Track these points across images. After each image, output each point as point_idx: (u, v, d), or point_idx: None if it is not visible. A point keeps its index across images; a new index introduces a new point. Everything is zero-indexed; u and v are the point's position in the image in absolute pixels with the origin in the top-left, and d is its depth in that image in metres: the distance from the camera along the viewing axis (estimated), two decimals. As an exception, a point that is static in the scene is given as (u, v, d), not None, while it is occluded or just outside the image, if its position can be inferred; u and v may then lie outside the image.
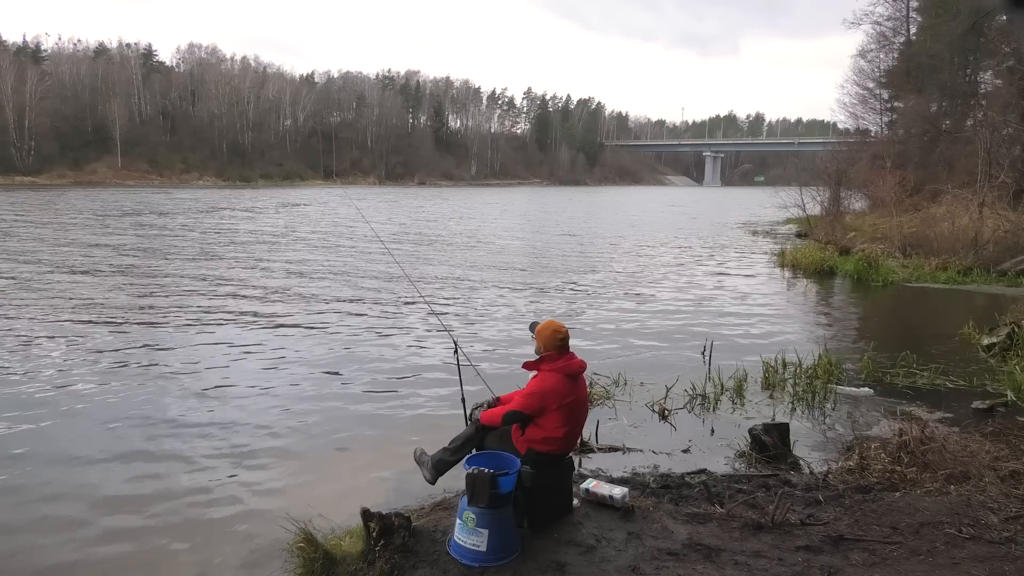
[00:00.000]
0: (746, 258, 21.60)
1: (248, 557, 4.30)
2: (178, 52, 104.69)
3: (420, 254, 20.30)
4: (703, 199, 75.20)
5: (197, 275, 15.27)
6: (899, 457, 5.17)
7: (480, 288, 14.50)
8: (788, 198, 27.49)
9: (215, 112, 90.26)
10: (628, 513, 4.22)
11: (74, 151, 75.87)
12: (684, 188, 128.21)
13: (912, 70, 32.64)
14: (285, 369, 8.36)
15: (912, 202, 23.65)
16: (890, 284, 15.85)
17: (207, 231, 25.78)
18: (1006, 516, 4.24)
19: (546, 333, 4.04)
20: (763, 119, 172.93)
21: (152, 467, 5.58)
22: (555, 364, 3.98)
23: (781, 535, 4.02)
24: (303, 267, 17.05)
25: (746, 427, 6.08)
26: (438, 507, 4.47)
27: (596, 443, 6.02)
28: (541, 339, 4.05)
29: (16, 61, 76.15)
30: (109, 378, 7.78)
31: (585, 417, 4.30)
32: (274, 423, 6.60)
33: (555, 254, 21.44)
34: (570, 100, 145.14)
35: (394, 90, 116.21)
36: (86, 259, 17.30)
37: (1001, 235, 17.59)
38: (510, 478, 3.71)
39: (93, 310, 11.32)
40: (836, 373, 7.97)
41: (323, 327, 10.59)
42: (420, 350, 9.37)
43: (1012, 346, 8.83)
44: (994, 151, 20.68)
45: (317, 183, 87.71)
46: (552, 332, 4.04)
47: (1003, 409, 6.90)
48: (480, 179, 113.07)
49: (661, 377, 7.63)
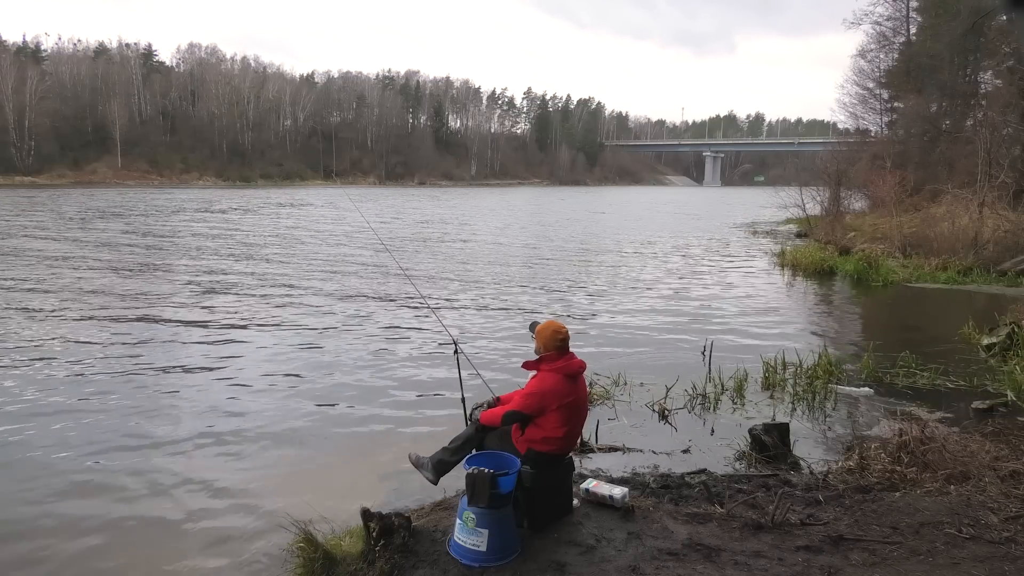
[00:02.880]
0: (746, 258, 21.60)
1: (248, 557, 4.30)
2: (178, 52, 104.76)
3: (420, 254, 20.30)
4: (703, 199, 75.19)
5: (196, 275, 15.27)
6: (899, 457, 5.17)
7: (480, 288, 14.50)
8: (788, 198, 27.49)
9: (215, 112, 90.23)
10: (628, 513, 4.22)
11: (74, 151, 75.83)
12: (684, 188, 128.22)
13: (912, 70, 32.63)
14: (284, 369, 8.35)
15: (912, 202, 23.63)
16: (890, 284, 15.85)
17: (207, 231, 25.78)
18: (1006, 516, 4.24)
19: (546, 333, 4.04)
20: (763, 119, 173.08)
21: (152, 468, 5.58)
22: (555, 364, 3.98)
23: (781, 535, 4.02)
24: (302, 267, 17.05)
25: (746, 427, 6.08)
26: (438, 507, 4.47)
27: (596, 443, 6.03)
28: (541, 339, 4.05)
29: (16, 61, 76.10)
30: (108, 377, 7.78)
31: (585, 417, 4.29)
32: (274, 423, 6.60)
33: (555, 254, 21.43)
34: (570, 100, 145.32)
35: (394, 90, 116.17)
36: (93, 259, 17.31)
37: (1001, 235, 17.58)
38: (510, 478, 3.71)
39: (95, 310, 11.32)
40: (836, 373, 7.98)
41: (323, 327, 10.59)
42: (420, 350, 9.37)
43: (1012, 346, 8.83)
44: (994, 151, 20.67)
45: (317, 183, 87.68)
46: (552, 332, 4.04)
47: (1003, 409, 6.90)
48: (480, 179, 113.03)
49: (661, 377, 7.62)
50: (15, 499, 5.03)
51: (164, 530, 4.64)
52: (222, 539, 4.54)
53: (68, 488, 5.21)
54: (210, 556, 4.34)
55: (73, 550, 4.41)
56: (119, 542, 4.51)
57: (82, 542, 4.50)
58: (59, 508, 4.92)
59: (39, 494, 5.10)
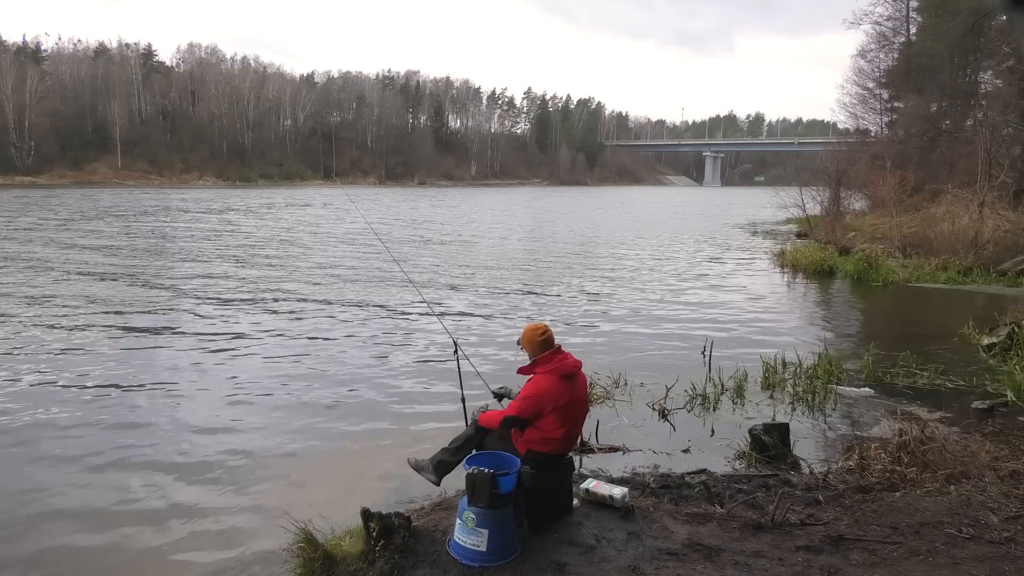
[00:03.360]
0: (746, 258, 21.60)
1: (248, 557, 4.30)
2: (178, 52, 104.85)
3: (420, 254, 20.30)
4: (703, 199, 75.19)
5: (196, 275, 15.27)
6: (899, 457, 5.17)
7: (481, 288, 14.50)
8: (788, 198, 27.50)
9: (215, 112, 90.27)
10: (628, 513, 4.21)
11: (74, 151, 75.83)
12: (684, 188, 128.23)
13: (912, 70, 32.64)
14: (284, 369, 8.35)
15: (912, 202, 23.64)
16: (890, 284, 15.85)
17: (207, 231, 25.78)
18: (1006, 516, 4.24)
19: (528, 336, 4.05)
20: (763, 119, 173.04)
21: (151, 468, 5.58)
22: (548, 366, 3.96)
23: (781, 535, 4.02)
24: (302, 267, 17.05)
25: (746, 427, 6.08)
26: (438, 507, 4.47)
27: (596, 443, 6.03)
28: (526, 345, 4.06)
29: (16, 61, 76.12)
30: (108, 377, 7.78)
31: (584, 416, 4.28)
32: (273, 423, 6.60)
33: (555, 254, 21.43)
34: (570, 100, 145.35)
35: (394, 90, 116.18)
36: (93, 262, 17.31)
37: (1001, 235, 17.59)
38: (510, 478, 3.71)
39: (97, 310, 11.32)
40: (836, 373, 7.97)
41: (322, 327, 10.59)
42: (420, 350, 9.37)
43: (1012, 346, 8.83)
44: (994, 151, 20.68)
45: (317, 183, 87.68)
46: (532, 333, 4.04)
47: (1003, 409, 6.90)
48: (480, 179, 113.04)
49: (661, 377, 7.62)
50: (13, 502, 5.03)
51: (164, 530, 4.64)
52: (222, 539, 4.54)
53: (67, 488, 5.21)
54: (210, 556, 4.34)
55: (72, 550, 4.41)
56: (119, 542, 4.51)
57: (81, 542, 4.50)
58: (58, 508, 4.92)
59: (36, 494, 5.10)
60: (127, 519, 4.78)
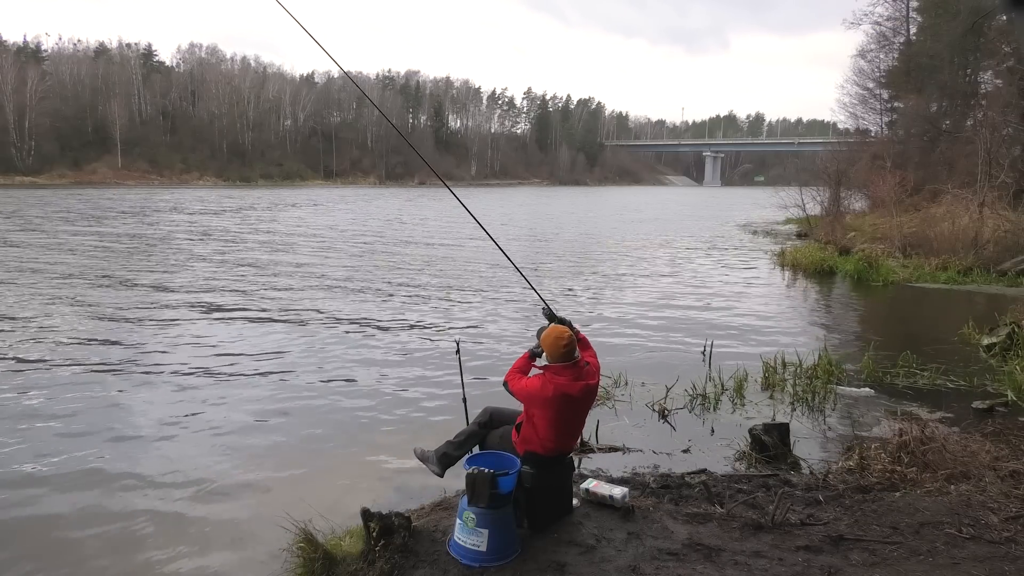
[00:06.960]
0: (746, 258, 21.60)
1: (248, 557, 4.30)
2: (178, 52, 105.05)
3: (420, 253, 20.29)
4: (703, 199, 75.18)
5: (195, 274, 15.27)
6: (899, 457, 5.16)
7: (481, 287, 14.49)
8: (788, 198, 27.50)
9: (215, 112, 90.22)
10: (628, 513, 4.21)
11: (74, 151, 75.80)
12: (684, 188, 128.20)
13: (912, 70, 32.62)
14: (284, 368, 8.35)
15: (912, 202, 23.62)
16: (890, 284, 15.85)
17: (207, 230, 25.78)
18: (1006, 516, 4.24)
19: (551, 341, 3.90)
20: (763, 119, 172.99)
21: (150, 467, 5.58)
22: (556, 379, 3.83)
23: (781, 535, 4.02)
24: (303, 266, 17.05)
25: (746, 427, 6.08)
26: (438, 507, 4.47)
27: (596, 443, 6.03)
28: (547, 347, 3.94)
29: (16, 61, 76.01)
30: (108, 375, 7.78)
31: (583, 424, 4.23)
32: (273, 423, 6.60)
33: (556, 254, 21.43)
34: (570, 100, 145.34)
35: (394, 90, 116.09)
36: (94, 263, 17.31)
37: (1001, 235, 17.58)
38: (510, 478, 3.71)
39: (97, 311, 11.32)
40: (836, 373, 7.97)
41: (323, 327, 10.59)
42: (421, 350, 9.37)
43: (1012, 346, 8.83)
44: (994, 151, 20.67)
45: (317, 183, 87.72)
46: (556, 341, 3.88)
47: (1003, 409, 6.90)
48: (480, 179, 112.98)
49: (661, 377, 7.62)
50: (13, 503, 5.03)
51: (163, 530, 4.64)
52: (222, 539, 4.55)
53: (65, 488, 5.20)
54: (210, 556, 4.34)
55: (71, 550, 4.41)
56: (118, 542, 4.50)
57: (81, 542, 4.50)
58: (56, 508, 4.92)
59: (34, 497, 5.09)
60: (126, 519, 4.77)
